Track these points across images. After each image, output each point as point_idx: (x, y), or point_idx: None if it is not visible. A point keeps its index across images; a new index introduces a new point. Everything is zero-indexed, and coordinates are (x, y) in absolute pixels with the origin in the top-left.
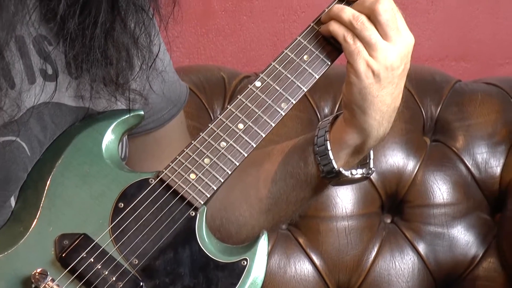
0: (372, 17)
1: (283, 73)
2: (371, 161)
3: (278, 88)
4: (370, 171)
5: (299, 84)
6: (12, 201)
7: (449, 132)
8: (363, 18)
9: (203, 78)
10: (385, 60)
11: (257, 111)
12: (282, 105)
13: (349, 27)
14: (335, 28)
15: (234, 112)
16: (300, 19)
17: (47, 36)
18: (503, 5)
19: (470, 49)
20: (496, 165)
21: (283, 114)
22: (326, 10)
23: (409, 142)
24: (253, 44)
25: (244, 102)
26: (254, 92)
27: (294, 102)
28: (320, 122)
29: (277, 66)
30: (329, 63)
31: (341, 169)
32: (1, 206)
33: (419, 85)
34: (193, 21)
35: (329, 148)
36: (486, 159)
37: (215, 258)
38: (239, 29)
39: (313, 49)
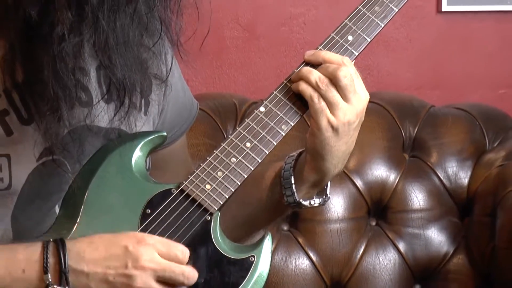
0: (334, 81)
1: (283, 100)
2: (328, 189)
3: (279, 113)
4: (326, 199)
5: (297, 109)
6: (57, 209)
7: (424, 149)
8: (327, 81)
9: (218, 104)
10: (344, 117)
11: (261, 132)
12: (283, 127)
13: (315, 88)
14: (304, 88)
15: (242, 133)
16: (299, 55)
17: (83, 67)
18: (471, 43)
19: (442, 80)
20: (464, 177)
21: (284, 134)
22: (296, 71)
23: (391, 158)
24: (260, 75)
25: (250, 125)
26: (259, 116)
27: (293, 124)
28: (286, 157)
29: (278, 94)
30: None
31: (301, 200)
32: (47, 214)
33: (399, 110)
34: (209, 56)
35: (292, 182)
36: (456, 172)
37: (227, 255)
38: (248, 63)
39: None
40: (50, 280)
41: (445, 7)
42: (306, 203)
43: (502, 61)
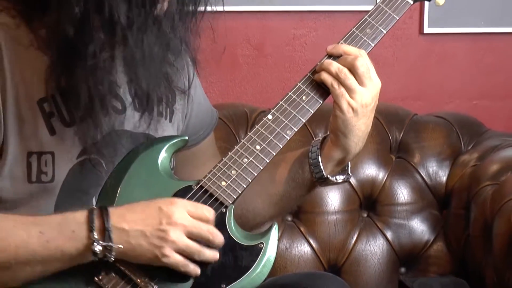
0: (352, 70)
1: (288, 109)
2: (349, 169)
3: (284, 120)
4: (348, 177)
5: (300, 117)
6: (94, 201)
7: (409, 151)
8: (345, 70)
9: (232, 112)
10: (361, 100)
11: (269, 136)
12: (288, 132)
13: (335, 77)
14: (325, 77)
15: (253, 137)
16: (302, 70)
17: (115, 80)
18: (449, 60)
19: (424, 92)
20: (442, 175)
21: (288, 138)
22: (319, 63)
23: (380, 159)
24: (267, 88)
25: (260, 130)
26: (267, 123)
27: (296, 130)
28: (313, 141)
29: (284, 104)
30: (321, 101)
31: (328, 176)
32: (86, 204)
33: (387, 117)
34: (224, 71)
35: (320, 161)
36: (436, 171)
37: (240, 242)
38: (257, 77)
39: (309, 92)
40: (96, 237)
41: (426, 29)
42: (332, 178)
43: (475, 76)
